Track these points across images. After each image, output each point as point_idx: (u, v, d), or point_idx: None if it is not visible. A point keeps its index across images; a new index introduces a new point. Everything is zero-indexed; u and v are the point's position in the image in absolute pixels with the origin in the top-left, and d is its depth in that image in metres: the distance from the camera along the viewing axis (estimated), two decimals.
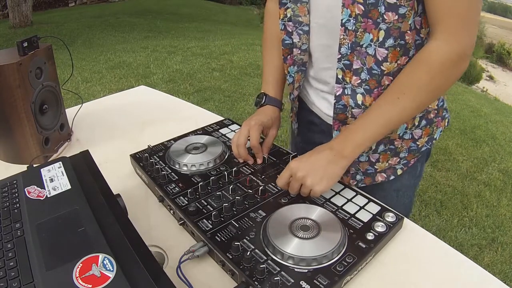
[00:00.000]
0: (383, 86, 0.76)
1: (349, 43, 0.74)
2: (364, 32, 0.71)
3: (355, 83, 0.77)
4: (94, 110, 1.25)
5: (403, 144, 0.86)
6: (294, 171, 0.72)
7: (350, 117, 0.81)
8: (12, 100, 0.86)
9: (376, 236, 0.65)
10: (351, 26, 0.72)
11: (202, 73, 4.63)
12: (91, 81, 4.34)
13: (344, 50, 0.75)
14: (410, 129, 0.85)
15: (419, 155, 0.90)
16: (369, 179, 0.90)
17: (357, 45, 0.73)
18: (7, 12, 7.49)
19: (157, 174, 0.81)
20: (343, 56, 0.76)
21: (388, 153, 0.87)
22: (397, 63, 0.74)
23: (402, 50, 0.72)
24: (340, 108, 0.81)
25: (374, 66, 0.74)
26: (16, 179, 0.70)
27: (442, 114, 0.88)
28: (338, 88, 0.80)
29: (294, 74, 0.91)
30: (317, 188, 0.70)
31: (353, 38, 0.73)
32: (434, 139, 0.89)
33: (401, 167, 0.90)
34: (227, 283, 0.61)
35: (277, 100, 0.96)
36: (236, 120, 1.11)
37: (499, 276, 1.90)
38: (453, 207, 2.53)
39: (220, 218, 0.69)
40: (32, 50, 0.90)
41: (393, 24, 0.69)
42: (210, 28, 7.84)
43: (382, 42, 0.71)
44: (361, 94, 0.78)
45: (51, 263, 0.50)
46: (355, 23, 0.71)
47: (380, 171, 0.89)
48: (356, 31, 0.72)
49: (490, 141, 3.62)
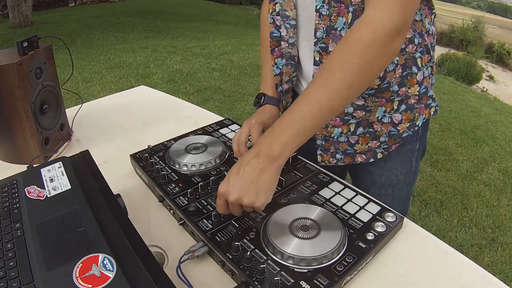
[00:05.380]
0: None
1: (324, 27, 0.77)
2: (338, 16, 0.75)
3: None
4: (94, 110, 1.25)
5: (382, 128, 0.87)
6: (226, 196, 0.65)
7: None
8: (12, 100, 0.86)
9: (376, 236, 0.65)
10: (325, 11, 0.76)
11: (202, 73, 4.63)
12: (91, 81, 4.33)
13: (319, 34, 0.79)
14: (389, 113, 0.86)
15: (400, 140, 0.89)
16: (348, 159, 0.92)
17: (332, 28, 0.77)
18: (7, 12, 7.49)
19: (157, 174, 0.81)
20: (319, 40, 0.79)
21: (367, 135, 0.88)
22: None
23: None
24: None
25: None
26: (16, 179, 0.70)
27: (427, 102, 0.88)
28: (316, 70, 0.82)
29: (282, 67, 0.92)
30: (257, 204, 0.64)
31: (327, 23, 0.76)
32: (416, 126, 0.89)
33: (381, 151, 0.91)
34: (227, 283, 0.61)
35: (276, 99, 0.97)
36: (236, 120, 1.12)
37: (499, 276, 1.90)
38: (453, 207, 2.53)
39: (220, 218, 0.69)
40: (32, 50, 0.90)
41: (358, 6, 0.73)
42: (210, 28, 7.84)
43: (350, 23, 0.75)
44: None
45: (51, 263, 0.50)
46: (329, 8, 0.75)
47: (360, 153, 0.91)
48: (330, 15, 0.76)
49: (490, 141, 3.62)
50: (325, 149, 0.92)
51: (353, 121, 0.87)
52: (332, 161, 0.93)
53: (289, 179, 0.80)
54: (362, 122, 0.86)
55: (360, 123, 0.87)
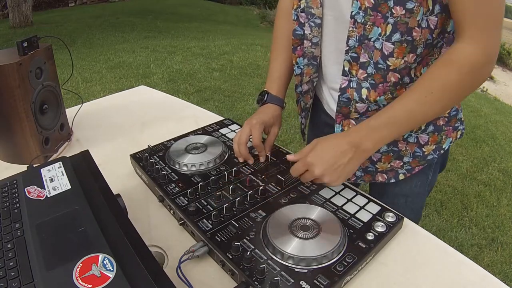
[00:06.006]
0: (388, 83, 0.76)
1: (357, 35, 0.74)
2: (373, 26, 0.71)
3: (361, 76, 0.77)
4: (94, 110, 1.25)
5: (407, 147, 0.85)
6: (312, 167, 0.71)
7: (354, 111, 0.81)
8: (12, 100, 0.86)
9: (376, 236, 0.65)
10: (360, 19, 0.72)
11: (202, 73, 4.63)
12: (91, 81, 4.33)
13: (352, 42, 0.75)
14: (416, 133, 0.83)
15: (424, 163, 0.87)
16: (368, 177, 0.90)
17: (365, 38, 0.73)
18: (7, 12, 7.48)
19: (157, 174, 0.81)
20: (350, 49, 0.76)
21: (390, 154, 0.86)
22: (404, 60, 0.73)
23: (409, 46, 0.72)
24: (344, 102, 0.81)
25: (380, 60, 0.74)
26: (16, 179, 0.70)
27: (454, 125, 0.86)
28: (343, 81, 0.79)
29: (303, 67, 0.90)
30: (333, 184, 0.71)
31: (361, 31, 0.73)
32: (442, 149, 0.86)
33: (403, 172, 0.88)
34: (227, 283, 0.61)
35: (279, 99, 0.95)
36: (236, 120, 1.12)
37: (499, 276, 1.90)
38: (453, 207, 2.52)
39: (220, 218, 0.69)
40: (32, 50, 0.90)
41: (400, 18, 0.69)
42: (210, 28, 7.84)
43: (389, 36, 0.71)
44: (366, 89, 0.78)
45: (51, 263, 0.50)
46: (365, 16, 0.71)
47: (381, 171, 0.89)
48: (365, 24, 0.72)
49: (490, 141, 3.62)
50: None
51: None
52: (352, 178, 0.90)
53: (289, 179, 0.80)
54: None
55: None
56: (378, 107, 0.79)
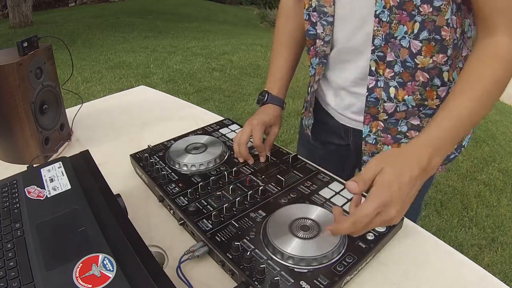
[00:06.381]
0: (417, 81, 0.76)
1: (383, 34, 0.73)
2: (399, 24, 0.71)
3: (388, 75, 0.77)
4: (94, 110, 1.25)
5: None
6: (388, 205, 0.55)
7: (382, 111, 0.81)
8: (12, 100, 0.86)
9: (376, 236, 0.65)
10: (385, 18, 0.71)
11: (202, 73, 4.63)
12: (91, 81, 4.33)
13: (378, 41, 0.74)
14: None
15: (447, 162, 0.86)
16: None
17: (391, 36, 0.73)
18: (7, 12, 7.48)
19: (157, 174, 0.81)
20: (376, 48, 0.75)
21: None
22: (433, 59, 0.73)
23: (437, 45, 0.72)
24: (372, 102, 0.81)
25: (408, 58, 0.74)
26: (16, 179, 0.70)
27: None
28: (371, 81, 0.79)
29: (316, 66, 0.90)
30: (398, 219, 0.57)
31: (387, 30, 0.72)
32: (462, 147, 0.86)
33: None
34: (227, 283, 0.61)
35: (280, 99, 0.95)
36: (236, 120, 1.11)
37: (499, 276, 1.90)
38: (453, 207, 2.52)
39: (220, 218, 0.69)
40: (32, 50, 0.90)
41: (427, 16, 0.69)
42: (210, 28, 7.84)
43: (416, 34, 0.71)
44: (394, 87, 0.77)
45: (51, 263, 0.50)
46: (390, 14, 0.71)
47: None
48: (391, 22, 0.71)
49: (490, 141, 3.61)
50: None
51: (404, 141, 0.83)
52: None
53: (289, 179, 0.80)
54: None
55: None
56: (406, 107, 0.79)
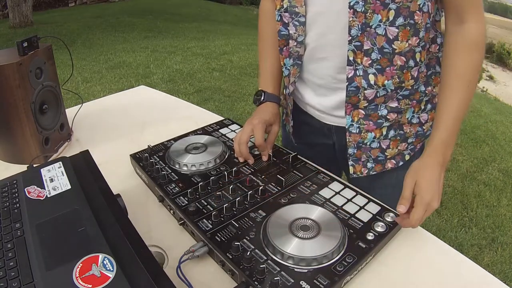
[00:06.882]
0: (395, 66, 0.78)
1: (359, 24, 0.75)
2: (373, 13, 0.73)
3: (366, 63, 0.78)
4: (94, 110, 1.25)
5: (411, 129, 0.88)
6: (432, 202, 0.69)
7: (363, 99, 0.82)
8: (12, 100, 0.86)
9: (376, 236, 0.65)
10: (360, 8, 0.73)
11: (202, 73, 4.63)
12: (91, 81, 4.33)
13: (354, 32, 0.76)
14: (417, 113, 0.87)
15: (424, 139, 0.92)
16: (379, 166, 0.91)
17: (367, 26, 0.75)
18: (7, 12, 7.49)
19: (157, 174, 0.81)
20: (353, 38, 0.77)
21: (398, 138, 0.88)
22: (408, 43, 0.76)
23: (412, 30, 0.75)
24: (353, 91, 0.82)
25: (385, 45, 0.76)
26: (16, 179, 0.70)
27: None
28: (349, 70, 0.80)
29: (290, 67, 0.91)
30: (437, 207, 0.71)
31: (363, 20, 0.74)
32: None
33: (408, 152, 0.91)
34: (227, 283, 0.61)
35: (276, 96, 0.96)
36: (236, 120, 1.11)
37: (499, 276, 1.90)
38: (453, 207, 2.52)
39: (220, 218, 0.69)
40: (32, 50, 0.90)
41: (402, 3, 0.72)
42: (210, 28, 7.84)
43: (392, 21, 0.74)
44: (372, 74, 0.79)
45: (51, 263, 0.50)
46: (364, 5, 0.73)
47: (390, 158, 0.91)
48: (366, 12, 0.73)
49: (490, 141, 3.61)
50: (356, 158, 0.90)
51: (386, 124, 0.86)
52: (364, 171, 0.91)
53: (289, 179, 0.80)
54: (394, 124, 0.86)
55: (392, 126, 0.86)
56: (386, 92, 0.81)
